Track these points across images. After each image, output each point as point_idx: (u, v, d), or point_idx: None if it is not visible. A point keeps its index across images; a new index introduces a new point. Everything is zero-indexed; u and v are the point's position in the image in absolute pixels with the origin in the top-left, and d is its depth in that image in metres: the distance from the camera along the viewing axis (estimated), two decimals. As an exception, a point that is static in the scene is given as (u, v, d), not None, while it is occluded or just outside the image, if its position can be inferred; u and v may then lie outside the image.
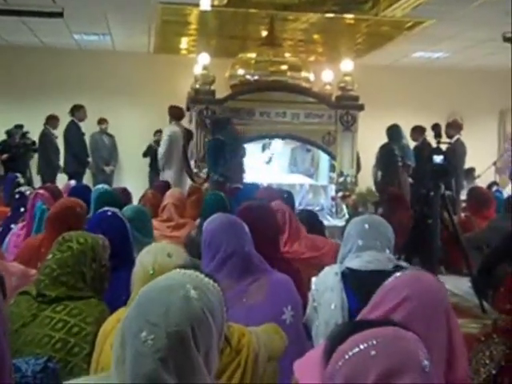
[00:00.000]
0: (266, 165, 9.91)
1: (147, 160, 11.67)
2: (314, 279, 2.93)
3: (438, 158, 5.61)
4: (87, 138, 11.16)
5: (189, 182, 9.27)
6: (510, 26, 8.48)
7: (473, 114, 12.32)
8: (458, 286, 5.56)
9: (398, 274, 1.84)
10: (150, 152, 11.50)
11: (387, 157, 9.21)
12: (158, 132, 11.06)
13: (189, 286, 1.46)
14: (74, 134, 10.64)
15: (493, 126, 13.55)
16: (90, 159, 11.04)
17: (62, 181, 9.81)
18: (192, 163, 9.50)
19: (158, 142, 10.63)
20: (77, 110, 10.63)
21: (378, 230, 2.92)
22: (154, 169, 10.88)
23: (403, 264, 3.00)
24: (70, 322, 2.44)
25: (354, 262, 2.84)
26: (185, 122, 9.98)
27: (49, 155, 10.58)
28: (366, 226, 2.91)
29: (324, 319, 2.75)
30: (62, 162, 10.69)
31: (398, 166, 9.09)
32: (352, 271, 2.82)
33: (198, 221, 4.96)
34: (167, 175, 9.50)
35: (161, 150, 9.71)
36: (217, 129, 8.41)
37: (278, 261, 3.26)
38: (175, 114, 9.98)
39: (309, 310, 2.86)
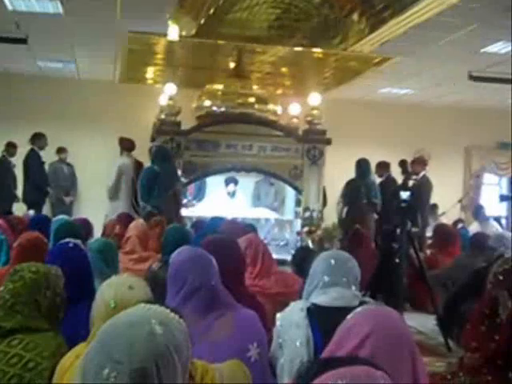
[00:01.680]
0: (229, 198, 9.79)
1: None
2: (278, 315, 2.88)
3: (404, 194, 5.58)
4: (47, 167, 10.93)
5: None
6: (477, 64, 8.58)
7: (439, 151, 12.37)
8: (423, 323, 5.58)
9: (357, 309, 1.84)
10: None
11: (352, 194, 9.14)
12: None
13: (154, 322, 1.43)
14: (34, 162, 10.43)
15: (459, 163, 13.71)
16: (50, 189, 10.80)
17: (20, 210, 9.61)
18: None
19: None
20: (37, 139, 10.43)
21: (345, 266, 2.88)
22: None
23: (369, 300, 2.97)
24: (25, 356, 2.39)
25: (320, 299, 2.81)
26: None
27: (5, 184, 10.27)
28: (333, 261, 2.87)
29: (289, 356, 2.70)
30: (20, 191, 10.45)
31: (363, 203, 9.01)
32: (318, 307, 2.79)
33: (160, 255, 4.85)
34: (115, 206, 9.54)
35: (109, 182, 9.72)
36: (156, 159, 8.30)
37: (243, 295, 3.23)
38: (126, 145, 10.15)
39: (273, 347, 2.81)
